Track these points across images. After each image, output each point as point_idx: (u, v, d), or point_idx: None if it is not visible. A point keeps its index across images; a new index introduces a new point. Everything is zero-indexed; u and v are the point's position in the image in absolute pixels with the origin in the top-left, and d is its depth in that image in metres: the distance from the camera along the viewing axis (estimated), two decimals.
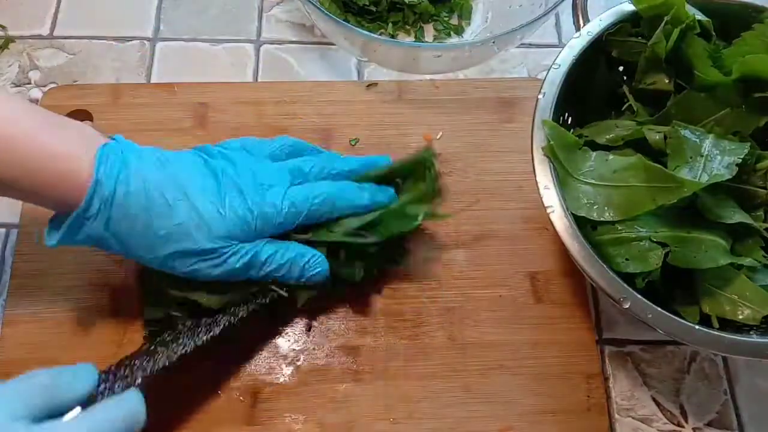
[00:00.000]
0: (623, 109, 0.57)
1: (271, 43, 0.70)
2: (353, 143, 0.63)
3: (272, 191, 0.49)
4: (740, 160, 0.47)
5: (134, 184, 0.45)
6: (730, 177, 0.47)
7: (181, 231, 0.46)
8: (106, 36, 0.69)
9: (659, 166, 0.47)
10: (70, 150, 0.44)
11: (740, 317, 0.47)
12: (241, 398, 0.53)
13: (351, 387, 0.54)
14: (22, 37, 0.68)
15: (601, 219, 0.48)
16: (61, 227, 0.45)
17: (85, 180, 0.44)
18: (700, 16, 0.53)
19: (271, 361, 0.54)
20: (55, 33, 0.69)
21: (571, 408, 0.54)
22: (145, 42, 0.69)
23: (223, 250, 0.47)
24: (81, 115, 0.63)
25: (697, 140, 0.49)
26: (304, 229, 0.51)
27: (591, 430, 0.53)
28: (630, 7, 0.55)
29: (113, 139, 0.47)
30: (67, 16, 0.70)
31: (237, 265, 0.47)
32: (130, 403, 0.42)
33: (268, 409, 0.53)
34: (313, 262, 0.50)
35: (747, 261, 0.48)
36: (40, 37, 0.69)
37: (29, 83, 0.66)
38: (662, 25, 0.52)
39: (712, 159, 0.48)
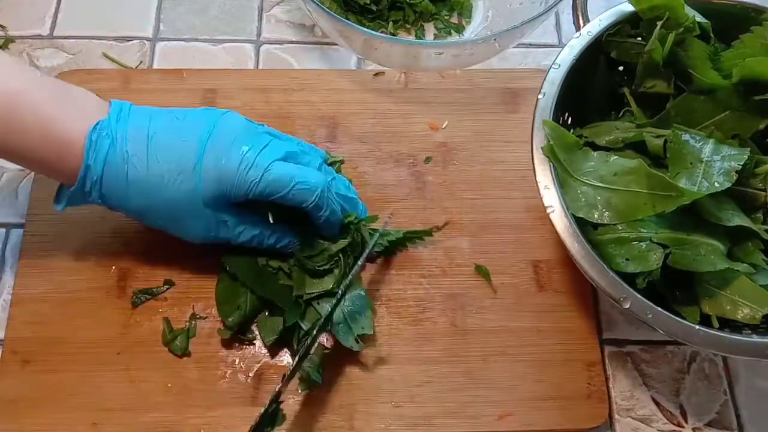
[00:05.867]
0: (624, 110, 0.57)
1: (271, 43, 0.70)
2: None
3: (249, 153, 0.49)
4: (740, 167, 0.47)
5: (119, 163, 0.48)
6: (729, 185, 0.47)
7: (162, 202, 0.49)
8: (106, 36, 0.69)
9: (660, 173, 0.47)
10: (69, 129, 0.47)
11: (740, 316, 0.47)
12: (246, 379, 0.53)
13: (354, 370, 0.54)
14: (22, 37, 0.68)
15: (600, 222, 0.48)
16: (63, 198, 0.50)
17: (79, 161, 0.47)
18: (699, 18, 0.53)
19: (276, 344, 0.54)
20: (55, 33, 0.69)
21: (572, 395, 0.54)
22: (145, 42, 0.69)
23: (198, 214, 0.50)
24: None
25: (698, 145, 0.49)
26: None
27: (591, 417, 0.53)
28: (630, 8, 0.55)
29: (110, 108, 0.50)
30: (67, 16, 0.70)
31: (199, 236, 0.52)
32: None
33: (272, 390, 0.52)
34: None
35: (743, 267, 0.48)
36: (40, 37, 0.69)
37: None
38: (656, 30, 0.52)
39: (712, 165, 0.48)
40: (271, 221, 0.53)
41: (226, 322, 0.54)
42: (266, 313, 0.55)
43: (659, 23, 0.52)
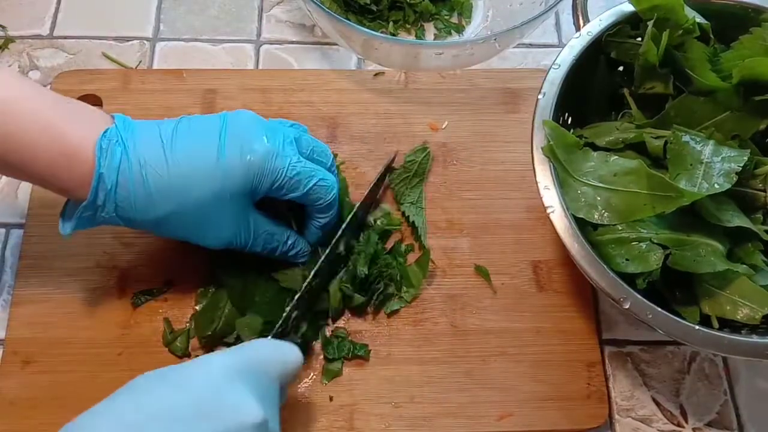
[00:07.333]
0: (624, 110, 0.57)
1: (271, 43, 0.70)
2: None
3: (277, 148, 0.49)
4: (740, 168, 0.47)
5: (135, 171, 0.46)
6: (729, 186, 0.47)
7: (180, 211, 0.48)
8: (106, 36, 0.69)
9: (660, 174, 0.47)
10: (75, 136, 0.45)
11: (739, 317, 0.47)
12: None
13: (355, 370, 0.54)
14: (22, 37, 0.68)
15: (600, 222, 0.48)
16: (72, 217, 0.47)
17: (88, 171, 0.45)
18: (699, 18, 0.53)
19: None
20: (55, 33, 0.69)
21: (572, 395, 0.54)
22: (145, 42, 0.69)
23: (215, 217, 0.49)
24: (90, 99, 0.63)
25: (698, 146, 0.49)
26: None
27: (591, 417, 0.53)
28: (630, 8, 0.55)
29: (114, 120, 0.48)
30: (67, 16, 0.70)
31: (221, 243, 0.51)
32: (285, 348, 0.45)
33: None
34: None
35: (743, 268, 0.48)
36: (40, 37, 0.69)
37: None
38: (648, 29, 0.52)
39: (712, 166, 0.48)
40: (292, 220, 0.54)
41: (199, 339, 0.54)
42: None
43: (650, 23, 0.52)
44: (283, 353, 0.45)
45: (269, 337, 0.48)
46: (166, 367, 0.41)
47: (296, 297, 0.50)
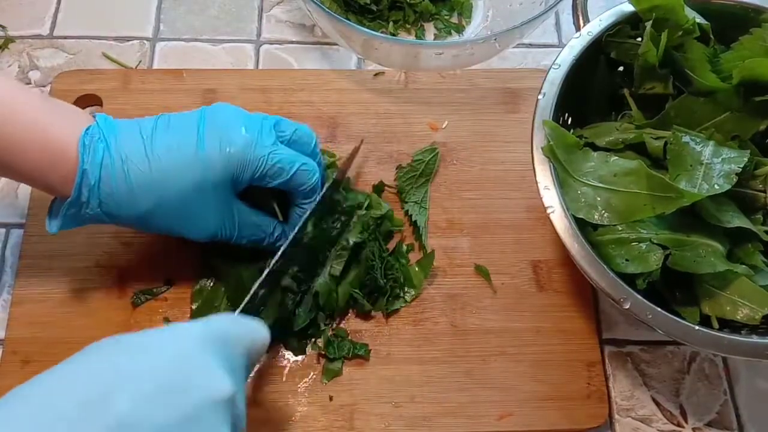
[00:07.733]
0: (624, 111, 0.57)
1: (271, 43, 0.70)
2: None
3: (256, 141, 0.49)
4: (740, 169, 0.47)
5: (117, 166, 0.47)
6: (729, 187, 0.47)
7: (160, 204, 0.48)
8: (106, 36, 0.69)
9: (660, 175, 0.47)
10: (60, 135, 0.46)
11: (739, 317, 0.47)
12: (248, 378, 0.53)
13: (354, 370, 0.54)
14: (22, 37, 0.68)
15: (600, 223, 0.48)
16: (58, 215, 0.48)
17: (73, 168, 0.46)
18: (699, 19, 0.53)
19: (278, 344, 0.54)
20: (55, 33, 0.69)
21: (572, 395, 0.54)
22: (145, 42, 0.69)
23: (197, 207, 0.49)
24: (90, 99, 0.64)
25: (698, 147, 0.49)
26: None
27: (591, 417, 0.53)
28: (630, 8, 0.55)
29: (95, 118, 0.49)
30: (67, 16, 0.70)
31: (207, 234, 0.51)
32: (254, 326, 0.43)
33: (273, 390, 0.53)
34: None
35: (742, 269, 0.48)
36: (40, 37, 0.69)
37: (29, 83, 0.66)
38: (647, 30, 0.52)
39: (712, 167, 0.48)
40: (276, 208, 0.53)
41: None
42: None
43: (648, 24, 0.52)
44: (252, 329, 0.43)
45: (236, 313, 0.47)
46: (126, 334, 0.39)
47: (263, 274, 0.49)
